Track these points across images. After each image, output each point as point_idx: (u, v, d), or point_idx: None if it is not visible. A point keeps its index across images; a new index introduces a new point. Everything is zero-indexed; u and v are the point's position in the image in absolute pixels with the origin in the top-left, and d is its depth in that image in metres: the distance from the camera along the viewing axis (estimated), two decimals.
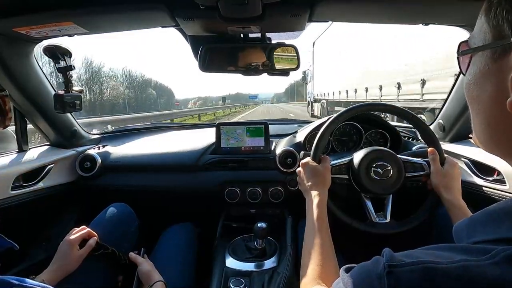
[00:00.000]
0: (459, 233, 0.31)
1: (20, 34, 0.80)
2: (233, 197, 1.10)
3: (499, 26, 0.27)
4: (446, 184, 0.75)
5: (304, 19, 0.78)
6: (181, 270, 0.88)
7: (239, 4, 0.66)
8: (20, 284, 0.33)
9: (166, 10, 0.71)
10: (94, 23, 0.79)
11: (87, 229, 0.80)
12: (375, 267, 0.28)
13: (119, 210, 0.96)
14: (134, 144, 1.29)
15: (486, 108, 0.30)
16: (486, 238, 0.27)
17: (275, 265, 0.90)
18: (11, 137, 1.09)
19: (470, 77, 0.32)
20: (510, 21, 0.25)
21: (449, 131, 1.08)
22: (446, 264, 0.24)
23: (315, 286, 0.54)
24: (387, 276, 0.26)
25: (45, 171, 1.04)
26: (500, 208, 0.28)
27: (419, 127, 0.86)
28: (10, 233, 0.62)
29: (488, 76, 0.29)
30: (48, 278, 0.69)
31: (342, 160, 0.86)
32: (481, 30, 0.29)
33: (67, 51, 0.89)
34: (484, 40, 0.29)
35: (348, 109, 0.87)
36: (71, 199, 1.17)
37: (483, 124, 0.31)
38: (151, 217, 1.12)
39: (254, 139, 1.15)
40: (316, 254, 0.60)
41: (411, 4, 0.72)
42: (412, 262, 0.26)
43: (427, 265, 0.25)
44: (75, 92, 0.96)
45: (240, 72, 0.95)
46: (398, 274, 0.26)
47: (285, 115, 16.49)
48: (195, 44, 0.93)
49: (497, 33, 0.27)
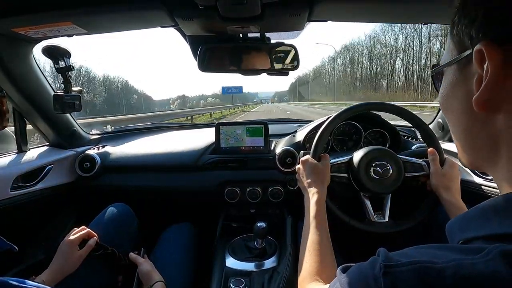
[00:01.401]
0: (452, 230, 0.33)
1: (19, 34, 0.80)
2: (233, 197, 1.10)
3: (461, 41, 0.30)
4: (445, 184, 0.75)
5: (303, 19, 0.78)
6: (181, 270, 0.88)
7: (238, 3, 0.66)
8: (20, 285, 0.33)
9: (165, 10, 0.71)
10: (93, 23, 0.79)
11: (87, 229, 0.80)
12: (371, 268, 0.29)
13: (119, 210, 0.96)
14: (134, 144, 1.29)
15: (460, 116, 0.33)
16: (477, 234, 0.28)
17: (275, 264, 0.90)
18: (10, 137, 1.09)
19: (442, 90, 0.35)
20: (469, 34, 0.29)
21: (449, 130, 1.08)
22: (441, 264, 0.25)
23: (313, 283, 0.55)
24: (383, 277, 0.27)
25: (44, 171, 1.04)
26: (490, 205, 0.29)
27: (419, 126, 0.86)
28: (9, 233, 0.62)
29: (457, 85, 0.33)
30: (48, 279, 0.69)
31: (342, 158, 0.86)
32: (448, 49, 0.34)
33: (66, 52, 0.89)
34: (451, 56, 0.33)
35: (348, 109, 0.87)
36: (70, 199, 1.17)
37: (462, 134, 0.34)
38: (151, 217, 1.12)
39: (254, 138, 1.15)
40: (314, 250, 0.61)
41: (410, 3, 0.72)
42: (409, 262, 0.26)
43: (423, 265, 0.25)
44: (74, 92, 0.96)
45: (240, 72, 0.95)
46: (394, 275, 0.26)
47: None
48: (194, 44, 0.93)
49: (460, 47, 0.31)
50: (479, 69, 0.28)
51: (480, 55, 0.27)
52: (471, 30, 0.29)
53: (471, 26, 0.29)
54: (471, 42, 0.29)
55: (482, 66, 0.28)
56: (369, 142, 1.12)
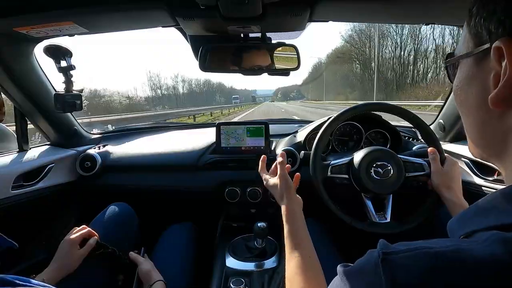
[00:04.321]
0: (453, 228, 0.33)
1: (20, 33, 0.80)
2: (233, 196, 1.10)
3: (479, 33, 0.29)
4: (446, 183, 0.75)
5: (304, 19, 0.78)
6: (181, 270, 0.88)
7: (239, 3, 0.66)
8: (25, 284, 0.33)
9: (167, 9, 0.71)
10: (95, 23, 0.79)
11: (88, 228, 0.80)
12: (370, 257, 0.29)
13: (120, 209, 0.96)
14: (134, 143, 1.30)
15: (473, 110, 0.32)
16: (477, 228, 0.28)
17: (275, 264, 0.90)
18: (11, 136, 1.09)
19: (457, 83, 0.34)
20: (488, 27, 0.28)
21: (449, 131, 1.08)
22: (439, 248, 0.25)
23: None
24: (382, 264, 0.26)
25: (45, 170, 1.04)
26: (489, 201, 0.29)
27: (420, 126, 0.86)
28: (10, 232, 0.62)
29: (472, 79, 0.32)
30: (48, 278, 0.69)
31: (342, 159, 0.86)
32: (464, 39, 0.32)
33: (67, 51, 0.89)
34: (467, 48, 0.32)
35: (348, 109, 0.87)
36: (71, 198, 1.17)
37: (474, 127, 0.34)
38: (152, 216, 1.12)
39: (254, 139, 1.15)
40: (304, 270, 0.56)
41: (412, 4, 0.72)
42: (407, 248, 0.26)
43: (421, 250, 0.26)
44: (75, 91, 0.96)
45: (241, 72, 0.95)
46: (393, 261, 0.26)
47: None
48: (195, 44, 0.93)
49: (477, 40, 0.30)
50: (497, 66, 0.27)
51: (499, 52, 0.26)
52: (490, 23, 0.27)
53: (490, 19, 0.27)
54: (489, 36, 0.28)
55: (501, 63, 0.27)
56: (370, 143, 1.12)
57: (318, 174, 0.85)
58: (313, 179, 0.85)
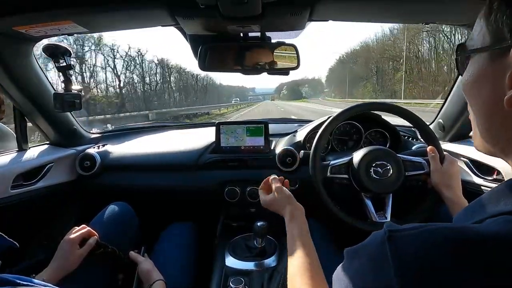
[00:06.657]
0: (459, 218, 0.33)
1: (19, 33, 0.80)
2: (233, 196, 1.10)
3: (499, 30, 0.28)
4: (446, 182, 0.75)
5: (304, 18, 0.78)
6: (181, 269, 0.88)
7: (239, 3, 0.66)
8: (27, 284, 0.33)
9: (166, 9, 0.71)
10: (94, 22, 0.79)
11: (87, 228, 0.80)
12: (377, 236, 0.29)
13: (119, 209, 0.96)
14: (134, 143, 1.29)
15: (484, 108, 0.32)
16: (487, 215, 0.28)
17: (275, 264, 0.90)
18: (11, 136, 1.09)
19: (468, 77, 0.33)
20: (510, 25, 0.27)
21: (449, 130, 1.08)
22: (445, 226, 0.25)
23: None
24: (388, 241, 0.27)
25: (45, 170, 1.04)
26: (494, 192, 0.30)
27: (419, 126, 0.86)
28: (10, 232, 0.62)
29: (486, 76, 0.31)
30: (48, 277, 0.69)
31: (342, 159, 0.86)
32: (480, 32, 0.31)
33: (66, 50, 0.89)
34: (483, 42, 0.30)
35: (348, 109, 0.87)
36: (71, 198, 1.17)
37: (485, 124, 0.33)
38: (151, 216, 1.12)
39: (254, 138, 1.15)
40: (304, 271, 0.55)
41: (412, 3, 0.72)
42: (413, 226, 0.27)
43: (427, 228, 0.26)
44: (74, 91, 0.95)
45: (240, 71, 0.95)
46: (399, 238, 0.26)
47: None
48: (195, 43, 0.93)
49: (496, 36, 0.29)
50: None
51: None
52: None
53: None
54: (511, 34, 0.27)
55: None
56: (370, 142, 1.12)
57: (317, 174, 0.85)
58: (312, 179, 0.85)
